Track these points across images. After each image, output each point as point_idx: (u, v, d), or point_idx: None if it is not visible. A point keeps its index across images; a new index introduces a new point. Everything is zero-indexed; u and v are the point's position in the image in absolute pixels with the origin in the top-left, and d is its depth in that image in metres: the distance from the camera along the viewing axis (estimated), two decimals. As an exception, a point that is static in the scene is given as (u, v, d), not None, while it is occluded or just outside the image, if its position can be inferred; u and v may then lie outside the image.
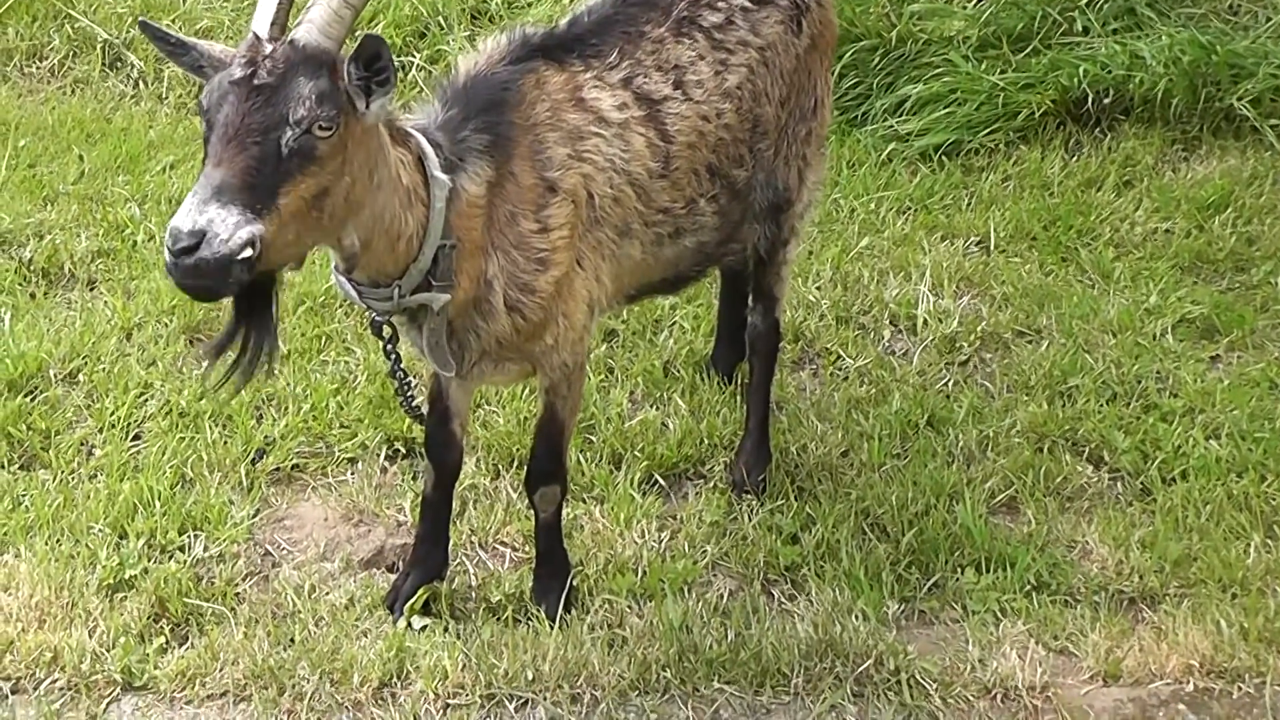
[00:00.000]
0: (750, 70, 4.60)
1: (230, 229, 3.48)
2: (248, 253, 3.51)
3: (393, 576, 4.76)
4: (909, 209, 6.84)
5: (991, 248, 6.55)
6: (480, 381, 4.61)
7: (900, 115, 7.34)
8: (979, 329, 5.94)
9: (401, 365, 4.29)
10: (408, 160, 3.92)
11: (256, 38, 3.62)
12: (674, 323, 5.96)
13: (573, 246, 4.17)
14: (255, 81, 3.53)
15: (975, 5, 7.70)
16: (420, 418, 4.55)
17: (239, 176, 3.51)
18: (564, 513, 4.68)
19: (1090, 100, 7.22)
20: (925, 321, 6.00)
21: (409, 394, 4.39)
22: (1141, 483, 5.17)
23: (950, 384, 5.70)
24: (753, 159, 4.68)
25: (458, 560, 4.82)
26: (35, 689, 4.38)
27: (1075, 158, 7.21)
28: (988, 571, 4.74)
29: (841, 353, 5.84)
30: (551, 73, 4.26)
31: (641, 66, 4.40)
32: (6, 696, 4.39)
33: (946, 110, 7.27)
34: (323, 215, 3.70)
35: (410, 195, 3.91)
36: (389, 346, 4.23)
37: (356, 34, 4.00)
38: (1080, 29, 7.52)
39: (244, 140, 3.52)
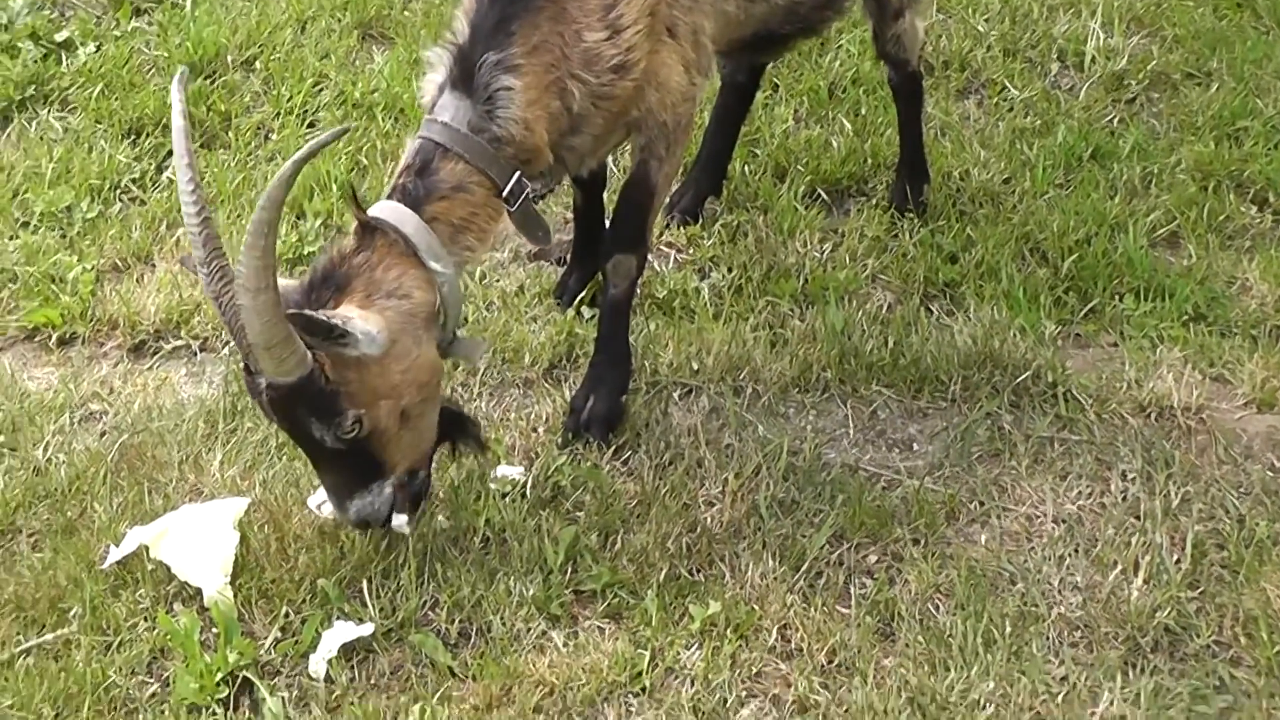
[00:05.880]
0: None
1: (375, 505, 3.73)
2: (402, 488, 3.77)
3: (559, 270, 4.89)
4: (1081, -53, 6.76)
5: (1164, -10, 6.47)
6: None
7: None
8: (1148, 68, 5.91)
9: None
10: (393, 264, 3.66)
11: (247, 371, 3.55)
12: (840, 45, 5.97)
13: (652, 30, 3.96)
14: (285, 426, 3.64)
15: None
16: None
17: (342, 475, 3.69)
18: (639, 292, 4.55)
19: None
20: (1093, 58, 5.97)
21: None
22: (1305, 224, 5.17)
23: (1115, 120, 5.68)
24: None
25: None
26: (222, 349, 4.59)
27: (1255, -96, 7.06)
28: (1146, 300, 4.79)
29: (1007, 84, 5.84)
30: None
31: None
32: (196, 353, 4.62)
33: None
34: (423, 412, 3.75)
35: (414, 306, 3.68)
36: None
37: None
38: None
39: (319, 457, 3.67)
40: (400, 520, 3.79)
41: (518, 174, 3.81)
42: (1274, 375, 4.48)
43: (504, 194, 3.80)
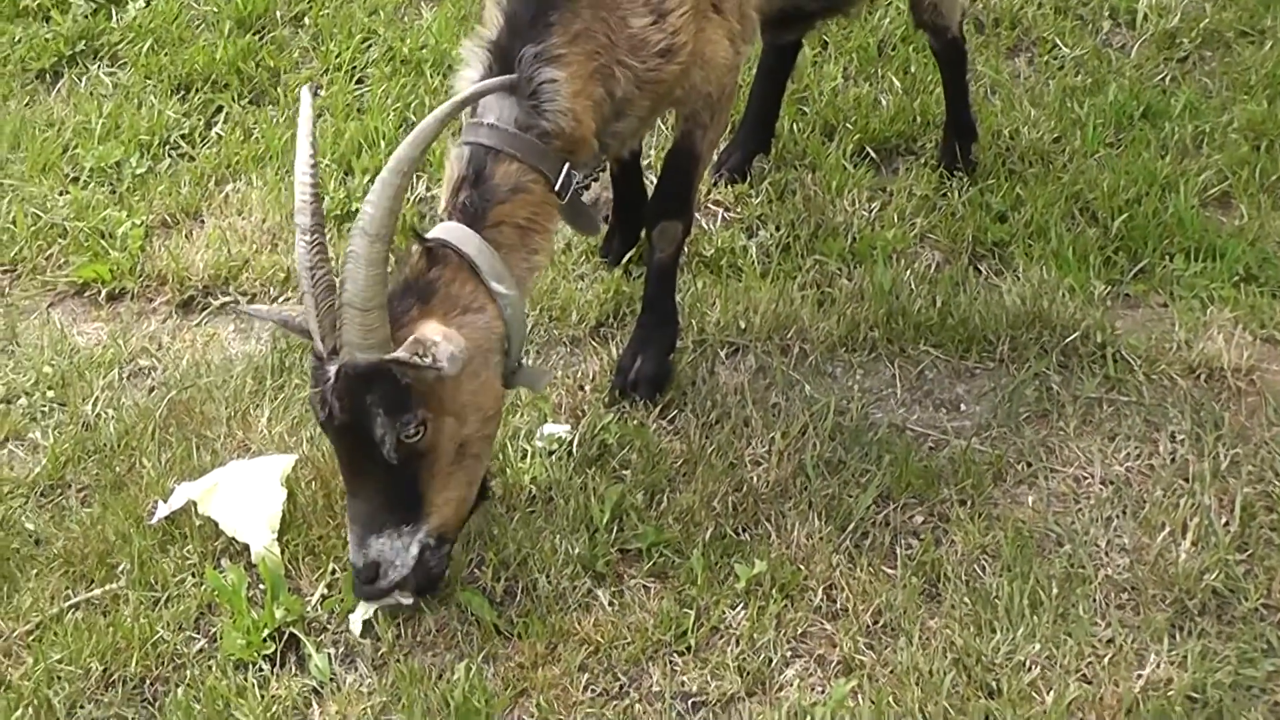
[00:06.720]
0: None
1: (397, 552, 3.54)
2: (428, 551, 3.58)
3: (605, 228, 4.88)
4: (1134, -97, 6.68)
5: (1218, -53, 6.39)
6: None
7: None
8: (1200, 26, 5.83)
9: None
10: (466, 290, 3.59)
11: (318, 359, 3.43)
12: (889, 3, 5.93)
13: (698, 9, 3.89)
14: (336, 423, 3.41)
15: None
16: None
17: (377, 503, 3.51)
18: (686, 251, 4.53)
19: None
20: (1145, 16, 5.89)
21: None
22: (1359, 186, 5.11)
23: (1167, 79, 5.61)
24: None
25: (669, 218, 4.91)
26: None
27: None
28: (1197, 260, 4.74)
29: (1058, 42, 5.78)
30: None
31: None
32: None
33: None
34: (478, 454, 3.63)
35: (489, 323, 3.62)
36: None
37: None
38: None
39: (361, 473, 3.48)
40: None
41: (566, 166, 3.75)
42: (1326, 337, 4.45)
43: (556, 188, 3.75)
